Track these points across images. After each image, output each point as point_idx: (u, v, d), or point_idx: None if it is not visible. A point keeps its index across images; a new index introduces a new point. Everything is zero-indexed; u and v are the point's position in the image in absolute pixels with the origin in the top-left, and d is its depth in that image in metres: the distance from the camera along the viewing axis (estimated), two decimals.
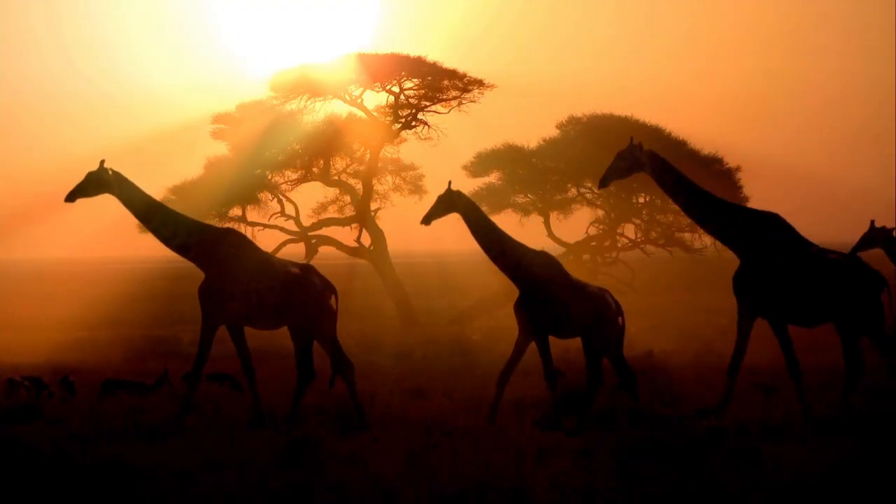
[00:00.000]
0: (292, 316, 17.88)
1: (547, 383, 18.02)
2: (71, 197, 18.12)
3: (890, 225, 19.00)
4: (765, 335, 19.02)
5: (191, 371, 18.30)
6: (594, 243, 45.34)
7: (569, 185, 45.77)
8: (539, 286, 17.94)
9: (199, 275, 18.26)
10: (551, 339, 18.23)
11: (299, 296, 17.87)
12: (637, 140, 18.33)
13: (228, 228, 18.65)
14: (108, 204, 18.64)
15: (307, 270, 18.07)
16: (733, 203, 18.31)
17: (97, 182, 18.05)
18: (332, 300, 18.01)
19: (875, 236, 18.93)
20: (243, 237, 18.24)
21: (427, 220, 18.30)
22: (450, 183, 18.54)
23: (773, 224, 17.88)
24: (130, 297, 63.41)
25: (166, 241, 18.11)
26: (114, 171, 18.07)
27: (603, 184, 18.50)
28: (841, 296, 17.50)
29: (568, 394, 18.96)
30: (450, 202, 18.19)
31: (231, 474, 13.92)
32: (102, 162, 18.05)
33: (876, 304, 17.58)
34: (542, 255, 18.15)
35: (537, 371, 24.32)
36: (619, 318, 18.12)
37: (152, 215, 18.14)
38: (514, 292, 18.53)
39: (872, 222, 18.96)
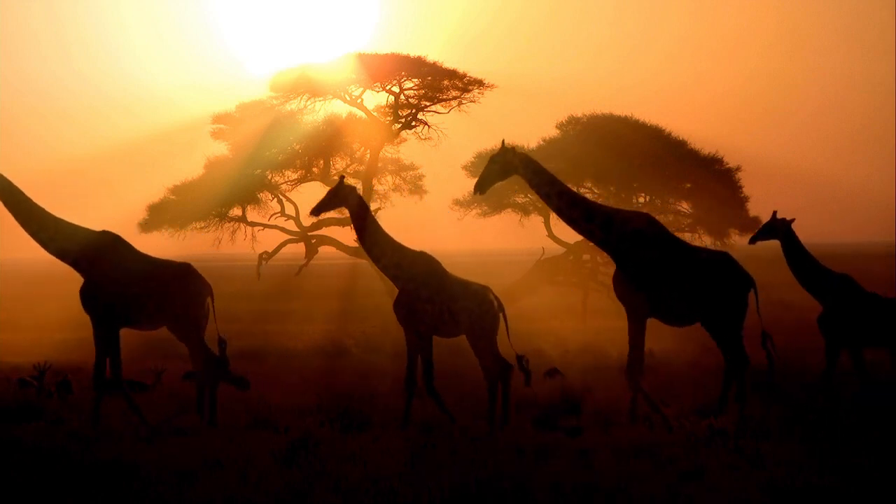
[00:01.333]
0: (172, 315, 17.93)
1: (424, 385, 18.06)
2: None
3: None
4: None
5: (112, 379, 18.35)
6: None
7: (569, 185, 45.82)
8: (419, 286, 18.01)
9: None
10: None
11: (178, 295, 17.92)
12: (509, 144, 18.32)
13: (105, 231, 18.67)
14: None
15: (185, 270, 18.11)
16: (604, 205, 18.37)
17: None
18: (209, 301, 18.08)
19: (776, 226, 18.85)
20: (120, 239, 18.30)
21: (316, 211, 18.40)
22: (342, 177, 18.74)
23: (644, 224, 17.93)
24: None
25: (45, 244, 18.25)
26: None
27: (479, 189, 18.48)
28: (710, 294, 17.56)
29: (564, 394, 18.98)
30: (341, 196, 18.27)
31: (231, 474, 13.92)
32: None
33: (742, 303, 17.62)
34: (422, 255, 18.22)
35: (535, 371, 24.31)
36: (502, 315, 18.17)
37: (31, 218, 18.17)
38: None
39: (774, 213, 18.89)
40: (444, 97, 43.86)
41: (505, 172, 18.06)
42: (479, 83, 43.79)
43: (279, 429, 17.23)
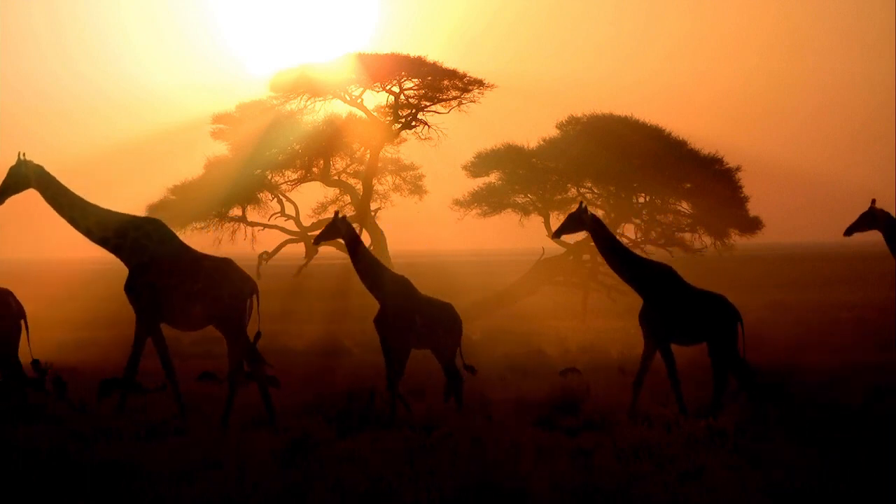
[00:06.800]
0: None
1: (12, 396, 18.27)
2: None
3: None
4: (766, 336, 19.02)
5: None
6: (594, 243, 45.36)
7: (569, 185, 45.78)
8: None
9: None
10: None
11: None
12: None
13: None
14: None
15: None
16: (121, 213, 18.74)
17: None
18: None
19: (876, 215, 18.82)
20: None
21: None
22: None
23: (152, 229, 18.41)
24: None
25: None
26: None
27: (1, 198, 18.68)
28: (214, 297, 18.16)
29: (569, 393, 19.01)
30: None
31: (231, 474, 13.93)
32: None
33: (244, 309, 18.22)
34: None
35: (535, 371, 24.34)
36: (22, 321, 18.40)
37: None
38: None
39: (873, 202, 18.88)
40: (444, 97, 43.85)
41: (18, 185, 18.51)
42: (479, 83, 43.79)
43: (279, 429, 17.23)
